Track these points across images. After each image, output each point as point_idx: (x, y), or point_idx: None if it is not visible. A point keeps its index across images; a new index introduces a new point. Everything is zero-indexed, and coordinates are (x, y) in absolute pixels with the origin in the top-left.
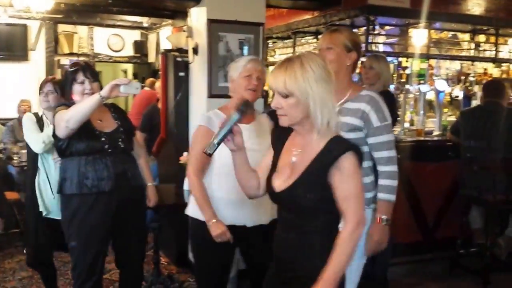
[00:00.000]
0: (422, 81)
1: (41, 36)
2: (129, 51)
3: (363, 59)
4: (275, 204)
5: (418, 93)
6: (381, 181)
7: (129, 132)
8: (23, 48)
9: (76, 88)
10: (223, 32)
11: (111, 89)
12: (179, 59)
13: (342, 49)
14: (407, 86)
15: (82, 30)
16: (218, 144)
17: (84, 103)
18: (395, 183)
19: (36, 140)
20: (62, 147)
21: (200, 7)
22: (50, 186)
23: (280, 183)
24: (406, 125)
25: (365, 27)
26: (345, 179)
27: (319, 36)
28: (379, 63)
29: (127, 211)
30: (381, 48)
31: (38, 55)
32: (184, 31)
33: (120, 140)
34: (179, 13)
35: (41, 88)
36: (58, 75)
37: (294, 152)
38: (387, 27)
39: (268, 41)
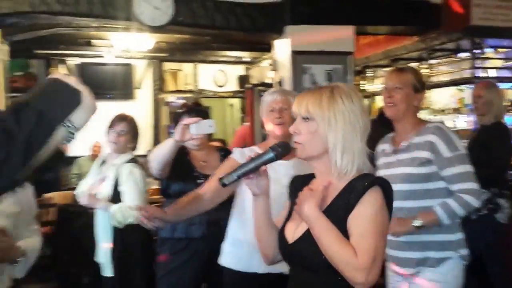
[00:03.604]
0: None
1: (147, 74)
2: (233, 85)
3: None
4: None
5: None
6: (450, 201)
7: None
8: (129, 87)
9: None
10: (308, 63)
11: (182, 131)
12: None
13: (411, 89)
14: None
15: (187, 67)
16: (238, 177)
17: (161, 147)
18: (461, 212)
19: (78, 187)
20: (163, 187)
21: (283, 39)
22: (92, 232)
23: (291, 233)
24: None
25: (469, 52)
26: (363, 213)
27: (422, 63)
28: (489, 91)
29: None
30: (492, 73)
31: (144, 94)
32: (270, 64)
33: None
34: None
35: (112, 125)
36: (165, 112)
37: None
38: (500, 50)
39: (367, 70)
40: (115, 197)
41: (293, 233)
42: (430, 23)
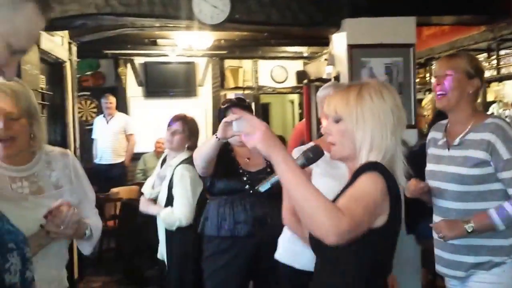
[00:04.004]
0: None
1: (208, 72)
2: (292, 81)
3: None
4: None
5: None
6: (507, 205)
7: None
8: (191, 84)
9: None
10: (366, 57)
11: (224, 128)
12: None
13: (463, 75)
14: None
15: (247, 64)
16: (272, 185)
17: (205, 145)
18: None
19: (144, 186)
20: (207, 185)
21: (340, 32)
22: (154, 227)
23: None
24: None
25: None
26: (357, 185)
27: (491, 54)
28: None
29: (268, 256)
30: None
31: (205, 91)
32: (326, 59)
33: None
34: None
35: (169, 124)
36: None
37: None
38: None
39: (431, 62)
40: (170, 198)
41: None
42: (499, 11)
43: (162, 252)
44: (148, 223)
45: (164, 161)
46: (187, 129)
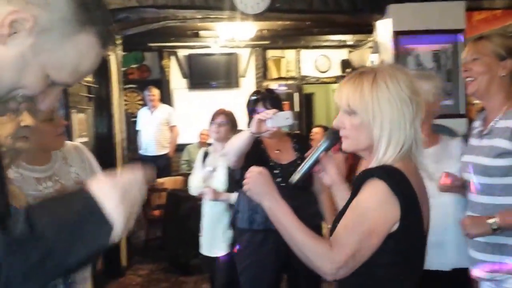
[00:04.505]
0: None
1: (251, 62)
2: (336, 70)
3: None
4: None
5: None
6: None
7: None
8: (234, 75)
9: None
10: (412, 44)
11: (257, 125)
12: None
13: (493, 57)
14: None
15: (289, 54)
16: (304, 174)
17: (237, 139)
18: None
19: (190, 181)
20: (236, 177)
21: (385, 19)
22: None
23: None
24: None
25: None
26: (354, 205)
27: None
28: None
29: None
30: None
31: (248, 82)
32: (370, 47)
33: None
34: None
35: (213, 118)
36: None
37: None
38: None
39: None
40: (230, 185)
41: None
42: None
43: (203, 243)
44: (192, 213)
45: (206, 154)
46: (230, 121)
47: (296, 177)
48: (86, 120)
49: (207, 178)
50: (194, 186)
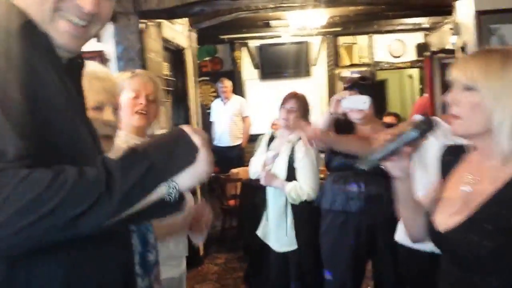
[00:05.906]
0: None
1: (322, 51)
2: (411, 55)
3: None
4: None
5: None
6: None
7: None
8: (305, 64)
9: None
10: (497, 23)
11: (335, 104)
12: (446, 61)
13: None
14: None
15: (361, 40)
16: (379, 160)
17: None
18: None
19: (250, 164)
20: (326, 161)
21: None
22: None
23: (444, 220)
24: None
25: None
26: None
27: None
28: None
29: (385, 235)
30: None
31: (319, 70)
32: (451, 29)
33: None
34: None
35: (283, 102)
36: (340, 88)
37: (466, 179)
38: None
39: None
40: (290, 174)
41: (446, 219)
42: None
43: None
44: (265, 201)
45: (272, 138)
46: (301, 107)
47: (368, 162)
48: (165, 113)
49: (268, 162)
50: (254, 169)
